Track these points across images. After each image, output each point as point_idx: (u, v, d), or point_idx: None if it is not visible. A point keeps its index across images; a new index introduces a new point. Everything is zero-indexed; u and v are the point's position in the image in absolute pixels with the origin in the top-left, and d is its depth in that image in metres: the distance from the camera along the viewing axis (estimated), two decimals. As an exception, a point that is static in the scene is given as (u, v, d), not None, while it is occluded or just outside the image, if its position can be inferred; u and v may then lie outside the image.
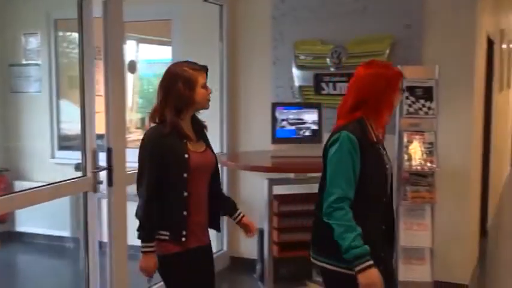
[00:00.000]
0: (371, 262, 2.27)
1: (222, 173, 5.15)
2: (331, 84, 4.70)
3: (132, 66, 5.88)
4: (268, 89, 4.99)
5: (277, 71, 4.96)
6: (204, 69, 2.70)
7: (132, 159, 3.70)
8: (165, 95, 2.62)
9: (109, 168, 3.48)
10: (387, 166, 2.52)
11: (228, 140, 5.11)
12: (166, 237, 2.63)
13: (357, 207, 2.36)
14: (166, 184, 2.59)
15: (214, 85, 5.02)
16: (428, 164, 4.11)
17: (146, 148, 2.61)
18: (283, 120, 4.36)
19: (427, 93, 4.14)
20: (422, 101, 4.13)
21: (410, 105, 4.12)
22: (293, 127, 4.36)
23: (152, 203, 2.58)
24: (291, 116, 4.36)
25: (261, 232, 4.30)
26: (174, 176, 2.59)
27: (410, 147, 4.15)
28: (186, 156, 2.59)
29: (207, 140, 2.80)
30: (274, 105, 4.39)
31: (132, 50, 6.17)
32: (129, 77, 6.06)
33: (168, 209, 2.61)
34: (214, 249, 5.12)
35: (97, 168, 3.42)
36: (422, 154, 4.13)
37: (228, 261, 5.22)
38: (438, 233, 4.19)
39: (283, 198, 4.21)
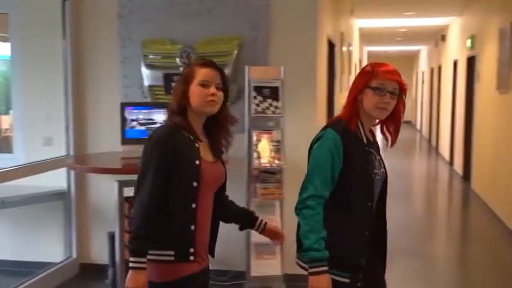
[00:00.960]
0: (326, 268, 2.23)
1: (69, 177, 4.94)
2: (181, 84, 4.68)
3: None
4: (117, 89, 4.86)
5: (126, 70, 4.84)
6: (210, 66, 2.32)
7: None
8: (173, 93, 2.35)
9: None
10: (376, 171, 2.40)
11: (75, 142, 4.90)
12: (171, 258, 2.23)
13: (337, 211, 2.30)
14: (171, 193, 2.23)
15: (58, 85, 4.86)
16: (276, 162, 4.25)
17: (154, 147, 2.23)
18: (133, 120, 4.27)
19: (274, 93, 4.28)
20: (269, 101, 4.27)
21: (258, 105, 4.24)
22: (143, 127, 4.28)
23: (153, 211, 2.19)
24: (141, 116, 4.28)
25: (112, 236, 4.18)
26: (182, 184, 2.24)
27: (259, 145, 4.26)
28: (197, 163, 2.25)
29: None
30: (123, 105, 4.28)
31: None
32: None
33: (172, 223, 2.24)
34: (62, 257, 4.96)
35: None
36: (271, 152, 4.26)
37: (78, 269, 5.01)
38: (287, 227, 4.35)
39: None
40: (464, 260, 6.10)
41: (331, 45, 6.27)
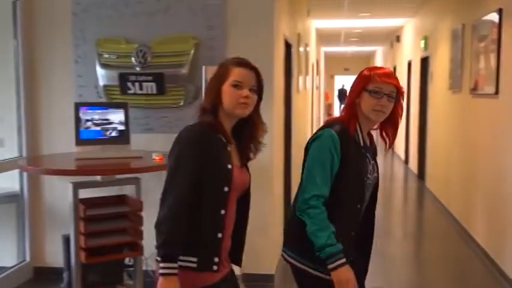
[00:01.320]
0: (344, 260, 2.26)
1: (22, 178, 4.83)
2: (137, 84, 4.63)
3: None
4: (71, 89, 4.78)
5: (80, 70, 4.76)
6: (245, 66, 2.21)
7: None
8: (205, 90, 2.24)
9: None
10: (369, 175, 2.46)
11: (28, 143, 4.79)
12: (194, 265, 2.13)
13: (327, 210, 2.32)
14: (201, 197, 2.12)
15: (10, 85, 4.74)
16: (234, 161, 4.24)
17: (186, 147, 2.11)
18: (87, 120, 4.19)
19: (231, 93, 4.27)
20: (226, 100, 4.25)
21: (215, 104, 4.22)
22: (99, 128, 4.22)
23: (184, 213, 2.07)
24: (96, 117, 4.21)
25: (67, 238, 4.11)
26: (213, 189, 2.14)
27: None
28: (230, 167, 2.15)
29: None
30: (77, 106, 4.20)
31: None
32: None
33: (199, 229, 2.13)
34: (14, 261, 4.84)
35: None
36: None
37: (32, 273, 4.90)
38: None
39: (90, 202, 4.05)
40: (419, 257, 6.23)
41: (288, 46, 6.30)
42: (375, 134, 2.61)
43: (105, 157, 4.11)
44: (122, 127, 4.26)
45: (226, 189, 2.15)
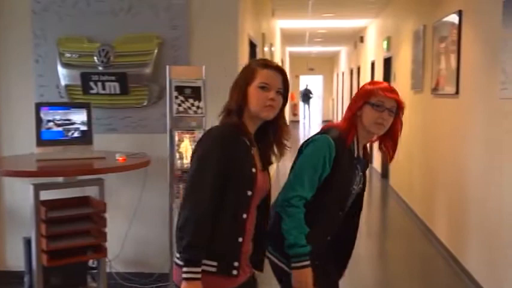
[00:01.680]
0: (308, 263, 2.35)
1: (-19, 181, 4.71)
2: (100, 84, 4.57)
3: None
4: (32, 89, 4.69)
5: (41, 69, 4.67)
6: (272, 68, 2.16)
7: None
8: (230, 91, 2.21)
9: None
10: (354, 186, 2.54)
11: (-13, 144, 4.69)
12: (213, 269, 2.08)
13: (308, 212, 2.38)
14: (223, 201, 2.07)
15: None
16: (199, 161, 4.22)
17: (214, 146, 2.07)
18: (49, 121, 4.12)
19: (196, 93, 4.26)
20: (191, 100, 4.24)
21: (179, 105, 4.20)
22: (60, 128, 4.15)
23: (207, 216, 2.02)
24: (58, 117, 4.14)
25: (28, 241, 4.03)
26: (236, 192, 2.09)
27: (181, 146, 4.23)
28: (254, 170, 2.12)
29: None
30: (38, 106, 4.13)
31: None
32: None
33: (220, 232, 2.08)
34: (-27, 265, 4.71)
35: None
36: (193, 152, 4.23)
37: (-8, 277, 4.79)
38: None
39: (51, 204, 3.98)
40: (383, 255, 6.31)
41: (252, 45, 6.31)
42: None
43: (67, 158, 4.05)
44: (84, 127, 4.19)
45: (249, 193, 2.12)
